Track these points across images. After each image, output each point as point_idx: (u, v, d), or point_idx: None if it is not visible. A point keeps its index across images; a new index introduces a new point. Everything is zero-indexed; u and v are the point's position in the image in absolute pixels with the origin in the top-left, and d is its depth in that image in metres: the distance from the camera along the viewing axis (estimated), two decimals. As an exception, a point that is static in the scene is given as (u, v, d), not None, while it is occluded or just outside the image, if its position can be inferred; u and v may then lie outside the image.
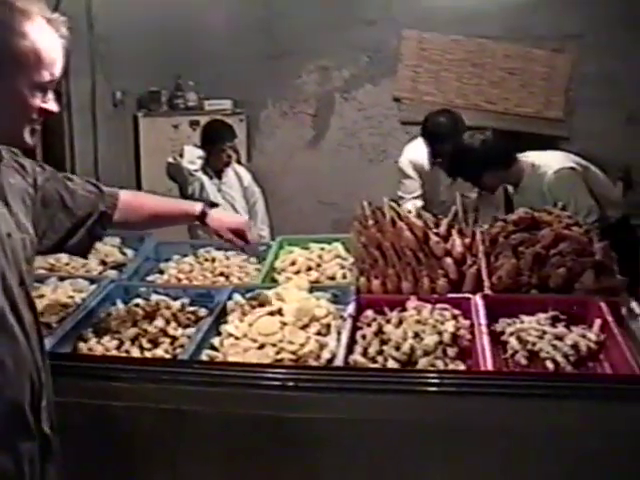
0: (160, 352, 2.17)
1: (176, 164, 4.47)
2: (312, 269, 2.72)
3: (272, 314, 2.22)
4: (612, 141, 4.92)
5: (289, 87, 5.56)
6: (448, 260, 2.41)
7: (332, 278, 2.66)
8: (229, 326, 2.20)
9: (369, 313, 2.27)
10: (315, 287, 2.43)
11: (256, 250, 2.67)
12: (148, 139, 5.41)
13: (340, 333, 2.15)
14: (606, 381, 1.96)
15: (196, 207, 2.22)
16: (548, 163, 3.51)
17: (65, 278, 2.60)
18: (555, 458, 1.79)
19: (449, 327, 2.11)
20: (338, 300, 2.35)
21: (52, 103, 1.55)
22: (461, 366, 2.05)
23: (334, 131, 5.63)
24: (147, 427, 1.94)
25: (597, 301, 2.20)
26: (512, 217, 2.63)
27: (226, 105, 5.49)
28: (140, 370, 1.98)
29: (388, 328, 2.16)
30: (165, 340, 2.21)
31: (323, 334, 2.16)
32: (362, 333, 2.18)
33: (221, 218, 2.25)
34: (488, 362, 1.94)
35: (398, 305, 2.29)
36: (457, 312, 2.23)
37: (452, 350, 2.07)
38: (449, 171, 3.86)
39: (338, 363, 2.01)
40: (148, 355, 2.17)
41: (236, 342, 2.12)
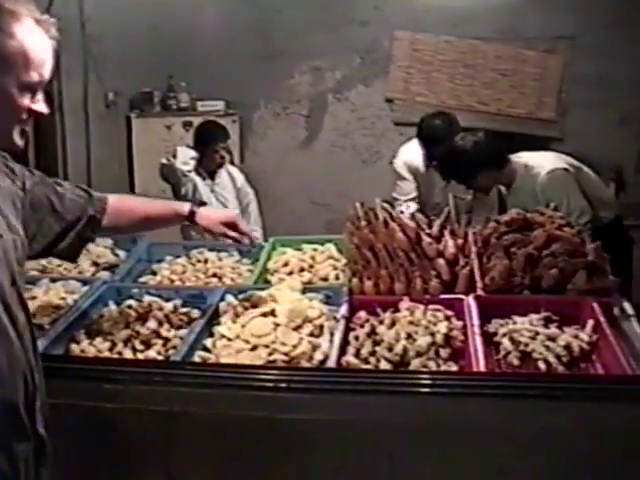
0: (153, 353, 2.17)
1: (169, 165, 4.46)
2: (305, 270, 2.72)
3: (265, 315, 2.21)
4: (604, 142, 4.94)
5: (282, 88, 5.56)
6: (440, 261, 2.42)
7: (325, 279, 2.65)
8: (222, 327, 2.19)
9: (362, 314, 2.27)
10: (308, 288, 2.43)
11: (253, 244, 2.43)
12: (141, 140, 5.41)
13: (333, 334, 2.15)
14: (598, 382, 1.96)
15: (185, 207, 2.21)
16: (541, 164, 3.51)
17: (57, 279, 2.59)
18: (548, 459, 1.79)
19: (442, 328, 2.11)
20: (331, 301, 2.35)
21: (42, 104, 1.54)
22: (454, 367, 2.05)
23: (327, 132, 5.63)
24: (140, 429, 1.93)
25: (589, 302, 2.20)
26: (504, 218, 2.62)
27: (219, 106, 5.48)
28: (133, 372, 1.98)
29: (381, 329, 2.16)
30: (158, 341, 2.21)
31: (316, 335, 2.16)
32: (355, 334, 2.18)
33: (210, 215, 2.23)
34: (481, 363, 1.94)
35: (391, 306, 2.28)
36: (450, 313, 2.23)
37: (445, 351, 2.07)
38: (442, 174, 3.86)
39: (331, 364, 2.00)
40: (141, 357, 2.17)
41: (229, 343, 2.12)
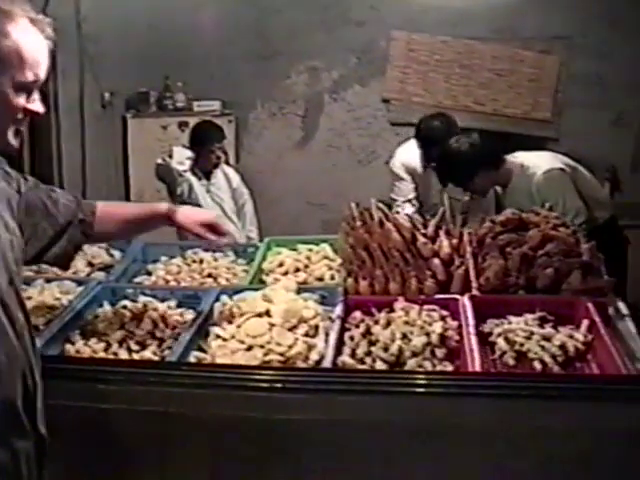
0: (148, 354, 2.17)
1: (165, 165, 4.46)
2: (300, 270, 2.72)
3: (260, 315, 2.21)
4: (600, 142, 4.95)
5: (278, 88, 5.55)
6: (436, 261, 2.42)
7: (320, 279, 2.65)
8: (217, 328, 2.19)
9: (357, 314, 2.27)
10: (303, 288, 2.42)
11: (233, 245, 2.35)
12: (137, 140, 5.39)
13: (328, 334, 2.14)
14: (594, 381, 1.96)
15: (162, 206, 2.18)
16: (537, 164, 3.51)
17: (52, 280, 2.59)
18: (543, 458, 1.79)
19: (437, 328, 2.12)
20: (326, 301, 2.35)
21: (37, 103, 1.54)
22: (449, 367, 2.05)
23: (323, 132, 5.62)
24: (135, 429, 1.93)
25: (584, 302, 2.21)
26: (500, 218, 2.62)
27: (215, 106, 5.47)
28: (128, 372, 1.97)
29: (376, 329, 2.16)
30: (153, 342, 2.21)
31: (311, 335, 2.16)
32: (350, 334, 2.18)
33: (189, 215, 2.19)
34: (476, 363, 1.94)
35: (386, 306, 2.28)
36: (445, 313, 2.23)
37: (440, 351, 2.07)
38: (440, 178, 3.86)
39: (326, 364, 2.00)
40: (136, 357, 2.16)
41: (224, 344, 2.11)
